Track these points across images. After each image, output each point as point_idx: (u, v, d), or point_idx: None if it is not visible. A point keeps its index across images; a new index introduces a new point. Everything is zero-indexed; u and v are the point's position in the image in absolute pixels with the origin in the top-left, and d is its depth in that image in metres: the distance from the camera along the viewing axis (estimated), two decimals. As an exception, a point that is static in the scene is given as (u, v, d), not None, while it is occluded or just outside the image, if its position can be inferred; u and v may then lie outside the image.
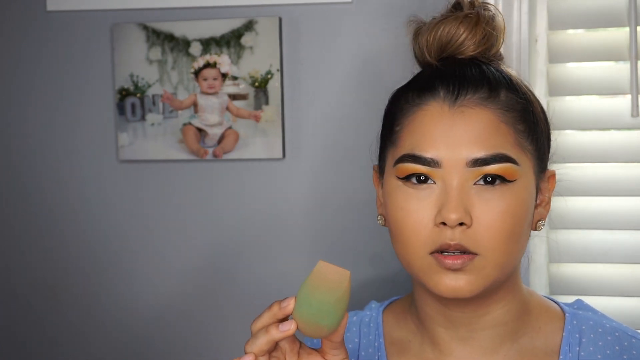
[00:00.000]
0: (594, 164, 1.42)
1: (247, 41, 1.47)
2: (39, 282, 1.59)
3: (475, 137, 0.86)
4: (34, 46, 1.55)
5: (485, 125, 0.87)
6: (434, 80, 0.91)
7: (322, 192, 1.49)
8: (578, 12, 1.39)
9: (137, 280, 1.56)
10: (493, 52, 0.97)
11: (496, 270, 0.88)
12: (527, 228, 0.90)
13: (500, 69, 0.94)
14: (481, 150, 0.86)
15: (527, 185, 0.89)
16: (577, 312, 0.99)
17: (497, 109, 0.88)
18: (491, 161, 0.86)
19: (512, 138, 0.87)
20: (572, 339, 0.95)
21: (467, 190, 0.86)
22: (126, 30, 1.50)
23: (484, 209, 0.86)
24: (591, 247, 1.42)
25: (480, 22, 0.94)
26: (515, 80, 0.93)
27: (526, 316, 0.96)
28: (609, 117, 1.40)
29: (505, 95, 0.90)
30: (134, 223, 1.55)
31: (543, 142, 0.93)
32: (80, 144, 1.55)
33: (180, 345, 1.56)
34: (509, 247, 0.87)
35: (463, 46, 0.94)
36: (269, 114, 1.47)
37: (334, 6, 1.45)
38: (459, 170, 0.86)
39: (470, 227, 0.86)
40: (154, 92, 1.51)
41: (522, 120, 0.89)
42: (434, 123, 0.88)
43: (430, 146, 0.87)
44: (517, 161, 0.87)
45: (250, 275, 1.52)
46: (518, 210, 0.87)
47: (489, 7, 0.97)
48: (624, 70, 1.38)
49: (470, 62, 0.94)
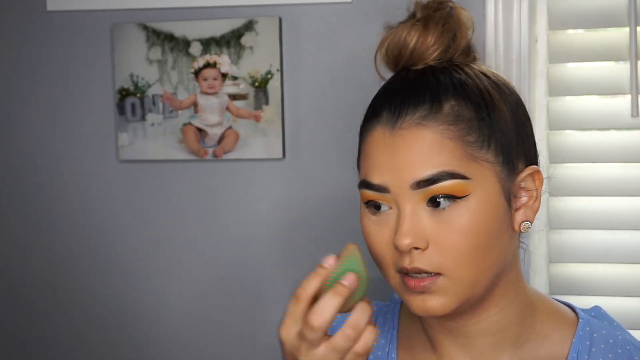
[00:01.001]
0: (593, 164, 1.42)
1: (247, 41, 1.47)
2: (39, 281, 1.59)
3: (416, 159, 0.84)
4: (34, 46, 1.55)
5: (426, 146, 0.84)
6: (380, 102, 0.90)
7: (322, 192, 1.48)
8: (578, 12, 1.39)
9: (137, 279, 1.56)
10: (453, 52, 0.91)
11: (465, 287, 0.86)
12: (498, 237, 0.87)
13: (454, 74, 0.89)
14: (424, 171, 0.84)
15: (486, 196, 0.85)
16: (592, 319, 0.96)
17: (440, 126, 0.84)
18: (435, 181, 0.83)
19: (460, 152, 0.84)
20: (581, 346, 0.93)
21: (420, 212, 0.85)
22: (126, 30, 1.50)
23: (438, 230, 0.84)
24: (591, 247, 1.42)
25: (430, 25, 0.90)
26: (471, 84, 0.88)
27: (529, 321, 0.94)
28: (608, 117, 1.40)
29: (451, 107, 0.86)
30: (134, 223, 1.55)
31: (509, 143, 0.88)
32: (80, 144, 1.55)
33: (180, 345, 1.56)
34: (474, 263, 0.85)
35: (415, 55, 0.91)
36: (269, 114, 1.47)
37: (334, 6, 1.45)
38: (406, 194, 0.85)
39: (427, 250, 0.85)
40: (154, 92, 1.51)
41: (474, 130, 0.85)
42: (379, 149, 0.87)
43: (377, 172, 0.87)
44: (466, 175, 0.84)
45: (250, 274, 1.52)
46: (476, 225, 0.84)
47: (445, 5, 0.92)
48: (623, 70, 1.38)
49: (419, 73, 0.90)
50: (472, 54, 0.94)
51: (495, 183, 0.86)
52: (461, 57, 0.92)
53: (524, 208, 0.90)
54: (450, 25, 0.91)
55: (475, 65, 0.93)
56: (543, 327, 0.94)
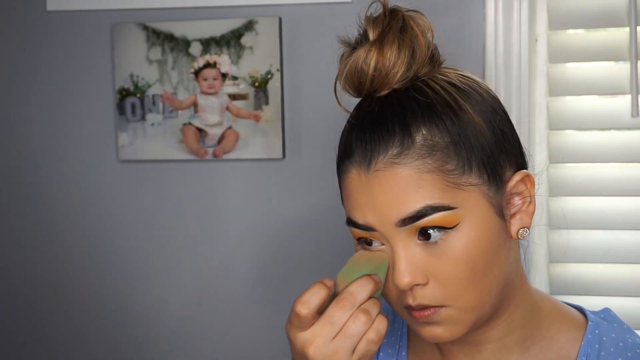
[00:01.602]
0: (593, 164, 1.42)
1: (247, 41, 1.47)
2: (38, 281, 1.59)
3: (395, 199, 0.81)
4: (34, 46, 1.55)
5: (403, 184, 0.80)
6: (350, 142, 0.86)
7: (322, 191, 1.48)
8: (578, 12, 1.39)
9: (137, 279, 1.56)
10: (420, 66, 0.85)
11: (470, 313, 0.84)
12: (494, 257, 0.84)
13: (419, 98, 0.83)
14: (406, 208, 0.80)
15: (477, 220, 0.82)
16: (602, 322, 0.94)
17: (415, 161, 0.80)
18: (420, 217, 0.80)
19: (441, 182, 0.80)
20: (590, 349, 0.91)
21: (412, 248, 0.82)
22: (126, 30, 1.50)
23: (434, 263, 0.82)
24: (591, 247, 1.42)
25: (385, 47, 0.84)
26: (439, 106, 0.82)
27: (535, 323, 0.92)
28: (608, 117, 1.40)
29: (423, 138, 0.81)
30: (134, 223, 1.55)
31: (492, 158, 0.83)
32: (80, 144, 1.55)
33: (180, 345, 1.56)
34: (476, 289, 0.83)
35: (376, 83, 0.85)
36: (269, 114, 1.47)
37: (334, 6, 1.45)
38: (393, 232, 0.82)
39: (428, 284, 0.83)
40: (154, 92, 1.51)
41: (451, 156, 0.81)
42: (357, 190, 0.84)
43: (360, 213, 0.84)
44: (451, 206, 0.80)
45: (251, 274, 1.52)
46: (471, 252, 0.81)
47: (396, 17, 0.85)
48: (623, 70, 1.38)
49: (383, 102, 0.85)
50: (436, 61, 0.87)
51: (484, 204, 0.83)
52: (426, 67, 0.85)
53: (520, 214, 0.87)
54: (406, 40, 0.84)
55: (441, 73, 0.86)
56: (550, 329, 0.92)
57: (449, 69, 0.87)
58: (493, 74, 1.37)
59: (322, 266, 1.50)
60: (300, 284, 1.57)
